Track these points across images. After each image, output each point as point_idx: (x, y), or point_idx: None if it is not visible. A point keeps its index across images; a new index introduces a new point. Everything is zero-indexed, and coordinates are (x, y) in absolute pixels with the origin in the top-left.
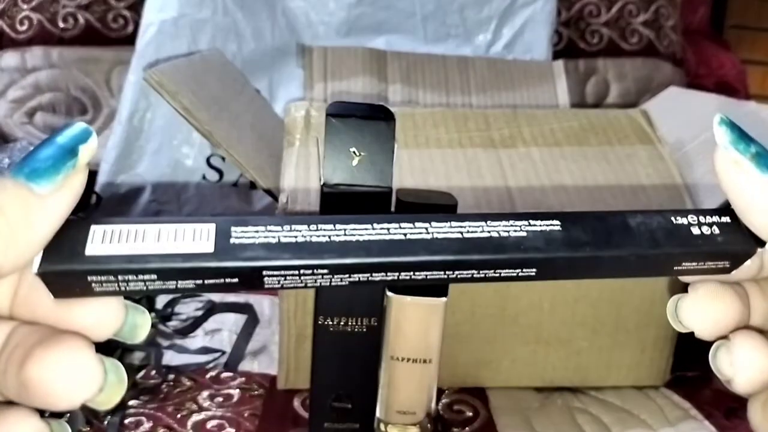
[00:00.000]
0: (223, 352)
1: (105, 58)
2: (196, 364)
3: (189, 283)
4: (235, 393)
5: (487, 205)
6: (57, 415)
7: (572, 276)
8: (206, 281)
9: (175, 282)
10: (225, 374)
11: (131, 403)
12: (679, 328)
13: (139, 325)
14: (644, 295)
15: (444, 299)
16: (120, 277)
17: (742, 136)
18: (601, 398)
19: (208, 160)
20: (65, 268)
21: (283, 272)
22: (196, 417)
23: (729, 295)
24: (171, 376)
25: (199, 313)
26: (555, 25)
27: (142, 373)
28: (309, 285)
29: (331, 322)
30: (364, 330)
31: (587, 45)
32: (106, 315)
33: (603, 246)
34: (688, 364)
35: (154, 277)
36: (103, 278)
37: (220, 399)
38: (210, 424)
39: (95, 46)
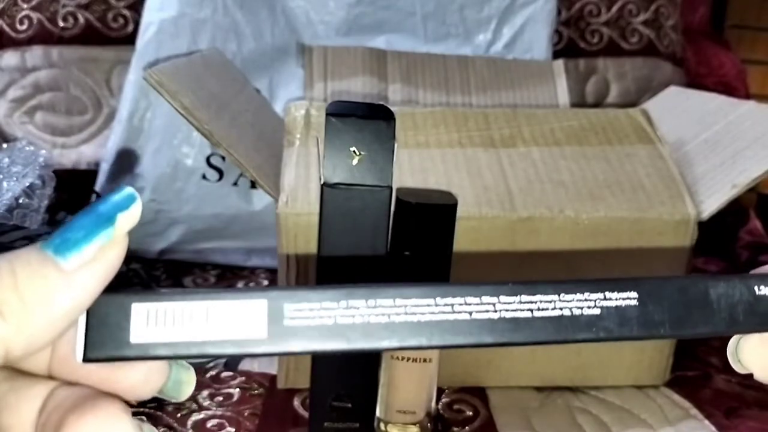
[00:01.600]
0: None
1: (105, 57)
2: (195, 364)
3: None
4: (235, 392)
5: (487, 204)
6: None
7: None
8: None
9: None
10: (225, 373)
11: (131, 402)
12: (738, 369)
13: (184, 381)
14: None
15: None
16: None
17: None
18: (601, 397)
19: (208, 160)
20: (110, 356)
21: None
22: (196, 416)
23: None
24: None
25: None
26: (555, 25)
27: None
28: None
29: None
30: None
31: (587, 44)
32: (150, 375)
33: (678, 327)
34: (688, 364)
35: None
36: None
37: (220, 398)
38: (210, 424)
39: (95, 46)
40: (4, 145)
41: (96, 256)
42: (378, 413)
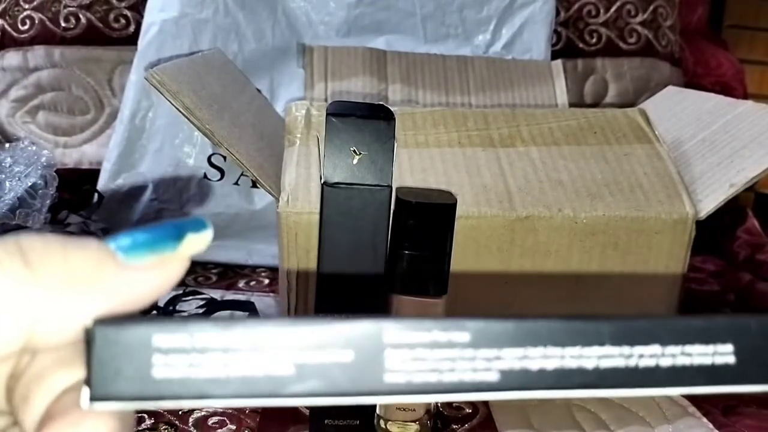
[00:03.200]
0: None
1: (107, 57)
2: None
3: None
4: None
5: (487, 203)
6: None
7: None
8: None
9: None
10: None
11: None
12: None
13: None
14: (643, 293)
15: (442, 298)
16: None
17: None
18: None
19: (209, 159)
20: (126, 395)
21: None
22: (197, 413)
23: None
24: None
25: (201, 310)
26: (554, 25)
27: None
28: None
29: None
30: None
31: (586, 45)
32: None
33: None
34: None
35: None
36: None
37: None
38: (211, 421)
39: (97, 46)
40: (7, 145)
41: (155, 265)
42: (378, 410)
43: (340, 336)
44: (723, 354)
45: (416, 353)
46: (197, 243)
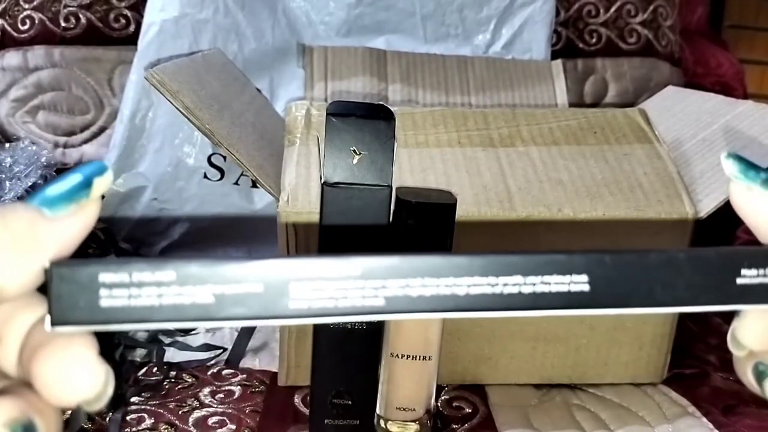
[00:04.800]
0: (225, 349)
1: (107, 57)
2: (197, 361)
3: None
4: (237, 389)
5: (486, 203)
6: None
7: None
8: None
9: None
10: (226, 371)
11: (133, 399)
12: (738, 351)
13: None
14: None
15: None
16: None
17: (749, 165)
18: (599, 395)
19: (209, 159)
20: (80, 320)
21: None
22: (197, 413)
23: None
24: (172, 373)
25: None
26: (554, 25)
27: (143, 370)
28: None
29: None
30: (364, 327)
31: (586, 45)
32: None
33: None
34: (686, 362)
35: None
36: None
37: (222, 395)
38: (211, 421)
39: (97, 46)
40: (7, 145)
41: (76, 211)
42: (378, 410)
43: (251, 273)
44: (578, 283)
45: (315, 285)
46: (104, 184)
